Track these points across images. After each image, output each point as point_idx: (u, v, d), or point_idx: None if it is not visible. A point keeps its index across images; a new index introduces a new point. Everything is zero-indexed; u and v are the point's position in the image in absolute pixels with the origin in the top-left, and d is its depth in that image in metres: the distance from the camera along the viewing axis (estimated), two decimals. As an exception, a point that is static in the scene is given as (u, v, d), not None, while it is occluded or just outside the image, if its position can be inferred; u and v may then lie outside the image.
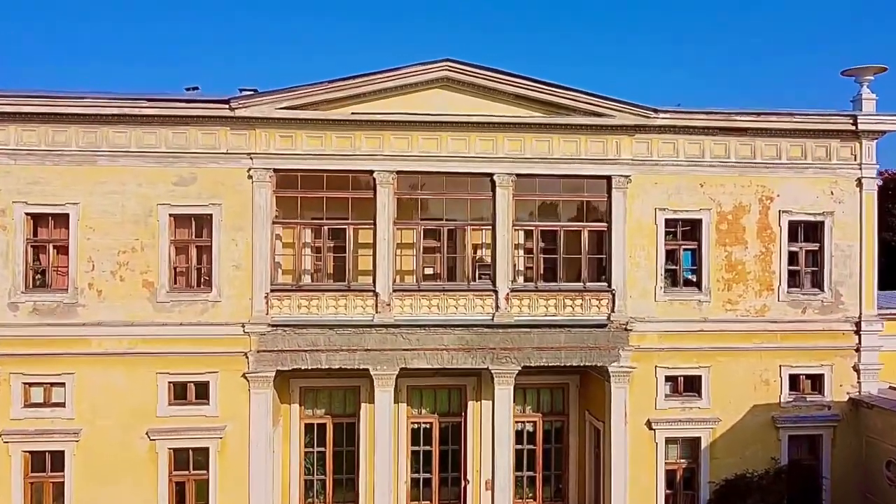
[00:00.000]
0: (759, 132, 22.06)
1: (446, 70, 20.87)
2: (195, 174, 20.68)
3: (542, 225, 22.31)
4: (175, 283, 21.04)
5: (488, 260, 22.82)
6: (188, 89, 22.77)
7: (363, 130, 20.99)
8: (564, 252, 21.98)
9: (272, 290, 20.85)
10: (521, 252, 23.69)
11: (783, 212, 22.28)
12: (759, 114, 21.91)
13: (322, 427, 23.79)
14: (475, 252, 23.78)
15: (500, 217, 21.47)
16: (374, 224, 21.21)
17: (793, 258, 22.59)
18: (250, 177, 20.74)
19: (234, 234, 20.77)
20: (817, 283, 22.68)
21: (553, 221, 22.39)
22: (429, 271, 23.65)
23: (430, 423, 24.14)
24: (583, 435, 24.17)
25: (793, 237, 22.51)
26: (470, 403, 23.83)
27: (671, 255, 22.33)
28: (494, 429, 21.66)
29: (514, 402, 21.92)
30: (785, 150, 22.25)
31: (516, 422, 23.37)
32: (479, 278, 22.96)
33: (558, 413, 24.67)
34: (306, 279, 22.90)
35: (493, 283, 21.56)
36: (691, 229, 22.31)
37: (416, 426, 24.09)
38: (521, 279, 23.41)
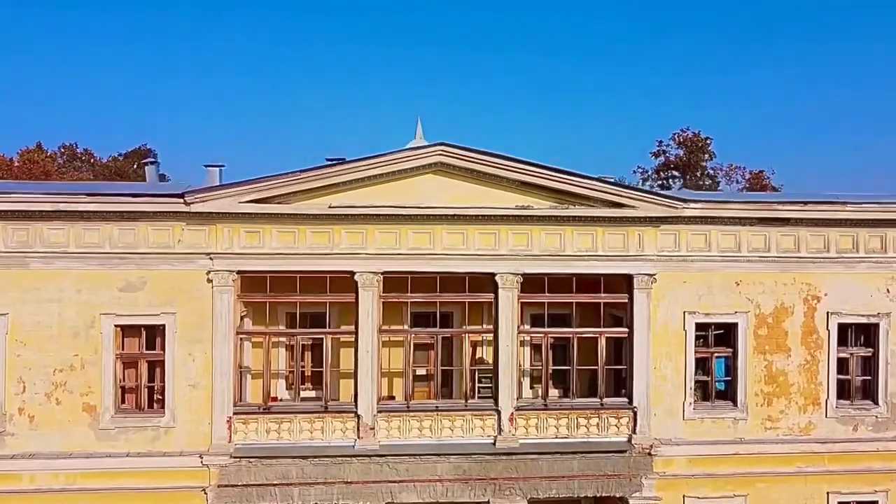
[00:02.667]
0: (803, 221, 18.95)
1: (440, 155, 17.79)
2: (145, 278, 17.60)
3: (552, 332, 19.18)
4: (122, 402, 17.99)
5: (489, 361, 19.76)
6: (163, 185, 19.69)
7: (343, 224, 17.91)
8: (578, 363, 18.89)
9: (236, 413, 17.78)
10: (528, 359, 20.62)
11: (832, 313, 19.19)
12: (804, 203, 18.83)
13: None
14: (474, 352, 20.71)
15: (504, 323, 18.39)
16: (356, 333, 18.12)
17: (842, 366, 19.49)
18: (210, 280, 17.67)
19: (190, 347, 17.69)
20: (870, 394, 19.59)
21: (565, 327, 19.29)
22: (421, 372, 20.65)
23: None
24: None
25: (842, 342, 19.43)
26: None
27: (702, 365, 19.25)
28: (496, 569, 18.58)
29: (519, 535, 18.82)
30: (834, 241, 19.14)
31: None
32: (479, 390, 19.91)
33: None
34: (282, 391, 19.88)
35: (496, 401, 18.47)
36: (725, 334, 19.22)
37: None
38: (526, 388, 20.38)
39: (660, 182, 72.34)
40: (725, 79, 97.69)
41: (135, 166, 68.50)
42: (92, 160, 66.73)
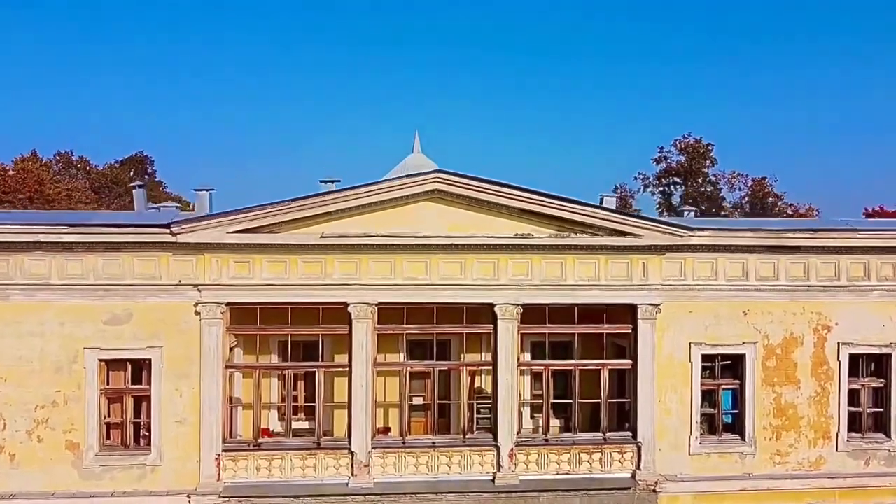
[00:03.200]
0: (813, 248, 18.26)
1: (436, 182, 17.13)
2: (130, 310, 16.93)
3: (554, 364, 18.52)
4: (107, 439, 17.33)
5: (488, 390, 19.08)
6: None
7: (336, 254, 17.24)
8: (580, 395, 18.22)
9: (225, 450, 17.11)
10: (528, 387, 19.95)
11: (843, 343, 18.51)
12: (815, 230, 18.15)
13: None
14: (472, 381, 20.01)
15: (503, 356, 17.72)
16: (350, 366, 17.47)
17: (853, 397, 18.82)
18: (198, 312, 17.00)
19: (178, 382, 17.02)
20: (883, 427, 18.92)
21: (567, 357, 18.61)
22: (418, 401, 19.97)
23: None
24: None
25: (853, 373, 18.75)
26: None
27: (708, 397, 18.58)
28: None
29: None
30: (845, 268, 18.46)
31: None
32: (478, 421, 19.22)
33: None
34: (274, 423, 19.21)
35: (494, 436, 17.81)
36: (733, 365, 18.55)
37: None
38: (526, 418, 19.71)
39: (661, 188, 71.78)
40: (728, 83, 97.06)
41: (131, 173, 68.02)
42: (88, 168, 66.09)
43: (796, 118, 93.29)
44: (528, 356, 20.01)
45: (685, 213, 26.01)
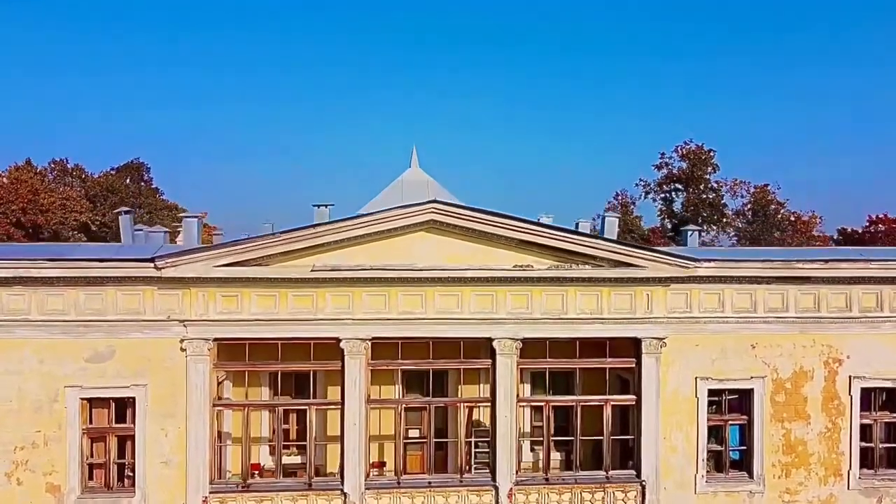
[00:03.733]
0: (824, 279, 17.58)
1: (432, 213, 16.44)
2: (114, 347, 16.26)
3: (554, 400, 17.85)
4: (90, 479, 16.65)
5: (487, 423, 18.40)
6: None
7: (327, 287, 16.57)
8: (582, 432, 17.53)
9: (212, 492, 16.45)
10: (528, 420, 19.28)
11: (854, 377, 17.83)
12: (826, 261, 17.45)
13: None
14: (470, 413, 19.33)
15: (502, 392, 17.04)
16: (343, 404, 16.78)
17: (865, 433, 18.14)
18: (183, 349, 16.32)
19: (163, 421, 16.35)
20: (896, 463, 18.22)
21: (568, 395, 17.93)
22: (414, 434, 19.33)
23: None
24: None
25: (865, 407, 18.07)
26: None
27: (715, 433, 17.91)
28: None
29: None
30: (856, 299, 17.78)
31: None
32: (476, 455, 18.58)
33: None
34: (265, 457, 18.53)
35: (493, 475, 17.13)
36: (740, 400, 17.88)
37: None
38: (526, 450, 19.04)
39: (663, 195, 71.05)
40: (731, 88, 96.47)
41: (127, 181, 67.39)
42: (83, 175, 65.45)
43: (800, 124, 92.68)
44: (527, 386, 19.44)
45: (689, 234, 25.33)
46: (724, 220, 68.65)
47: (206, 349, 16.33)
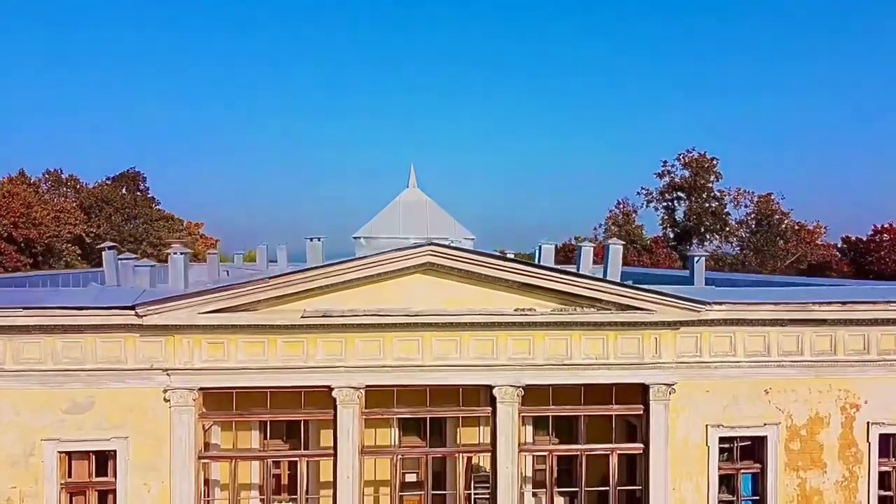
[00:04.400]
0: (841, 321, 16.75)
1: (429, 256, 15.61)
2: (93, 397, 15.43)
3: (558, 450, 17.00)
4: (70, 536, 15.80)
5: (486, 467, 17.56)
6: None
7: (319, 333, 15.74)
8: (587, 482, 16.70)
9: (198, 549, 15.60)
10: (530, 464, 18.43)
11: (872, 423, 17.00)
12: (844, 303, 16.59)
13: None
14: (470, 459, 18.47)
15: (503, 442, 16.21)
16: (335, 454, 15.94)
17: (883, 480, 17.30)
18: (167, 399, 15.49)
19: (145, 475, 15.52)
20: (916, 513, 17.36)
21: (573, 439, 17.10)
22: (411, 478, 18.52)
23: None
24: None
25: (884, 453, 17.23)
26: None
27: (726, 482, 17.07)
28: None
29: None
30: (875, 341, 16.94)
31: None
32: (476, 502, 17.69)
33: None
34: (251, 507, 17.68)
35: (493, 529, 16.28)
36: (753, 448, 17.04)
37: None
38: (528, 496, 18.19)
39: (665, 203, 70.20)
40: (734, 95, 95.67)
41: (123, 190, 66.57)
42: (77, 186, 64.63)
43: (804, 133, 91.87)
44: (529, 429, 18.61)
45: (695, 259, 24.42)
46: (727, 228, 67.86)
47: (190, 399, 15.49)
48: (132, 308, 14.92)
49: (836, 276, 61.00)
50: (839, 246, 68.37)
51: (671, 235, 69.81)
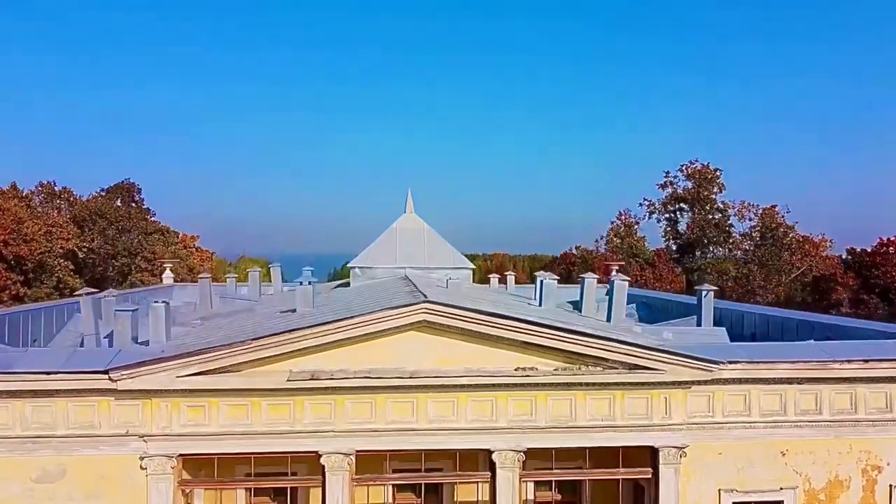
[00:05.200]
0: (861, 378, 15.76)
1: (424, 314, 14.62)
2: (64, 465, 14.45)
3: (561, 518, 16.01)
4: None
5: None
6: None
7: (306, 395, 14.75)
8: (592, 551, 15.71)
9: None
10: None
11: (895, 486, 15.97)
12: (866, 360, 15.59)
13: None
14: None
15: (502, 509, 15.19)
16: (324, 525, 14.95)
17: (907, 546, 16.28)
18: (144, 467, 14.48)
19: (121, 549, 14.51)
20: (941, 581, 16.35)
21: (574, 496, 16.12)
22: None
23: None
24: None
25: (907, 517, 16.20)
26: None
27: (740, 549, 16.03)
28: None
29: None
30: (897, 397, 15.94)
31: None
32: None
33: None
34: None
35: None
36: (768, 513, 16.01)
37: None
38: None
39: (667, 215, 69.17)
40: (738, 107, 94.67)
41: (117, 202, 65.59)
42: (71, 198, 63.62)
43: (809, 145, 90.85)
44: (531, 485, 17.57)
45: (704, 294, 23.40)
46: (731, 240, 66.77)
47: (168, 467, 14.49)
48: (105, 372, 13.92)
49: (842, 289, 60.15)
50: (843, 257, 67.43)
51: (674, 248, 68.80)
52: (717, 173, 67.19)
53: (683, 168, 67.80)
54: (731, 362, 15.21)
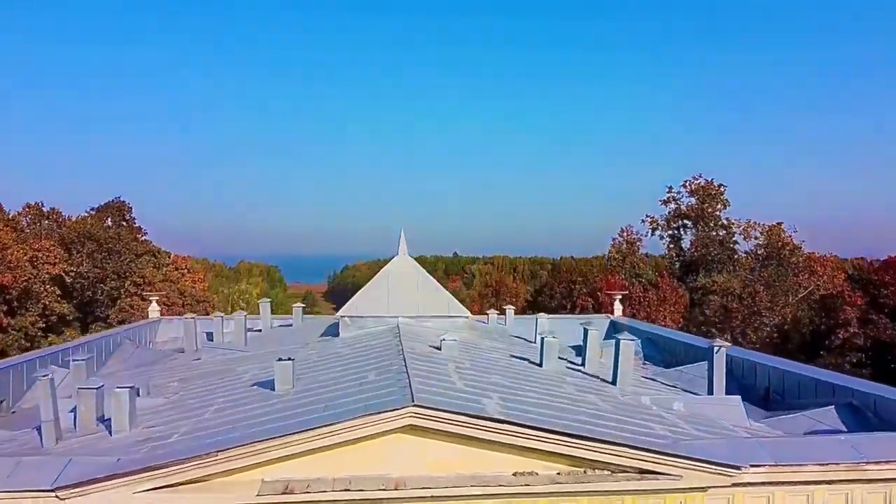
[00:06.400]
0: (898, 476, 14.23)
1: (410, 418, 13.06)
2: (10, 591, 12.86)
3: None
4: None
5: None
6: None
7: (280, 508, 13.15)
8: None
9: None
10: None
11: None
12: (904, 461, 14.04)
13: None
14: None
15: None
16: None
17: None
18: (99, 592, 12.91)
19: None
20: None
21: None
22: None
23: None
24: None
25: None
26: None
27: None
28: None
29: None
30: (937, 497, 14.39)
31: None
32: None
33: None
34: None
35: None
36: None
37: None
38: None
39: (670, 232, 67.66)
40: (741, 125, 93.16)
41: (107, 221, 64.12)
42: (59, 219, 62.11)
43: (813, 161, 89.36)
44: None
45: (715, 350, 21.84)
46: (735, 257, 65.20)
47: (126, 591, 12.93)
48: (52, 491, 12.38)
49: (850, 308, 58.59)
50: (850, 273, 65.98)
51: (676, 265, 67.30)
52: (721, 189, 65.74)
53: (687, 184, 66.41)
54: (754, 465, 13.67)
